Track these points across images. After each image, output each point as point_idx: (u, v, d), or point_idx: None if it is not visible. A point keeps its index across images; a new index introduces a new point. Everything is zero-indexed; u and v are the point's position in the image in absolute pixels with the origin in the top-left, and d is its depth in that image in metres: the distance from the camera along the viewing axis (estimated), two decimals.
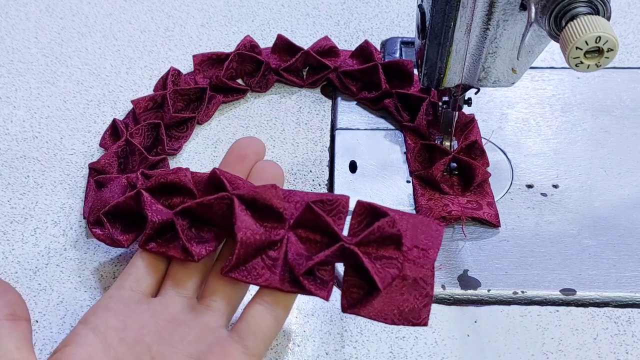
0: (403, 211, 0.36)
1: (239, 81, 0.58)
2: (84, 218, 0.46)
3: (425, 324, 0.33)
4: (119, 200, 0.40)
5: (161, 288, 0.37)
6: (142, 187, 0.38)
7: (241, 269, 0.35)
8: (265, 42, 0.61)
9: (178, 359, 0.33)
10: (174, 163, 0.51)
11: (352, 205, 0.36)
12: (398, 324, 0.34)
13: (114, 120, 0.52)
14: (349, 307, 0.34)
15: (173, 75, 0.55)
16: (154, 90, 0.56)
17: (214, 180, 0.37)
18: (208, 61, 0.58)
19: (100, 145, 0.52)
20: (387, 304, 0.33)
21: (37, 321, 0.40)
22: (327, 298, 0.34)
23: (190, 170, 0.38)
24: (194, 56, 0.57)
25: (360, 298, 0.34)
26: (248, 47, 0.57)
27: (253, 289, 0.37)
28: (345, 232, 0.35)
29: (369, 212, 0.35)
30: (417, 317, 0.33)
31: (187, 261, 0.36)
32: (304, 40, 0.62)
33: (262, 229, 0.35)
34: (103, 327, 0.34)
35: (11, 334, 0.32)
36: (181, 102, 0.54)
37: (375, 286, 0.33)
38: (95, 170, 0.48)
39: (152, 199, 0.38)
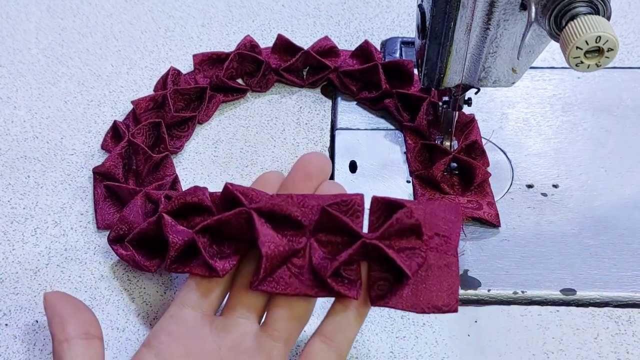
0: (419, 201, 0.36)
1: (239, 81, 0.58)
2: (98, 229, 0.46)
3: (455, 310, 0.33)
4: (142, 227, 0.40)
5: (225, 309, 0.36)
6: (163, 211, 0.39)
7: (269, 281, 0.35)
8: (266, 42, 0.61)
9: None
10: (175, 162, 0.51)
11: (367, 203, 0.36)
12: (428, 312, 0.33)
13: (115, 122, 0.52)
14: (377, 299, 0.34)
15: (173, 75, 0.55)
16: (154, 91, 0.57)
17: (228, 196, 0.37)
18: (208, 61, 0.58)
19: (102, 147, 0.52)
20: (414, 294, 0.33)
21: (37, 321, 0.40)
22: (357, 297, 0.34)
23: (207, 189, 0.39)
24: (194, 56, 0.57)
25: (387, 290, 0.34)
26: (248, 47, 0.57)
27: (313, 322, 0.37)
28: (365, 230, 0.35)
29: (386, 207, 0.35)
30: (446, 304, 0.33)
31: (212, 277, 0.36)
32: (305, 40, 0.62)
33: (285, 239, 0.35)
34: (167, 354, 0.33)
35: (84, 353, 0.33)
36: (181, 101, 0.54)
37: (400, 277, 0.33)
38: (99, 174, 0.48)
39: (173, 221, 0.38)
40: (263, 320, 0.36)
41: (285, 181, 0.39)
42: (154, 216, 0.39)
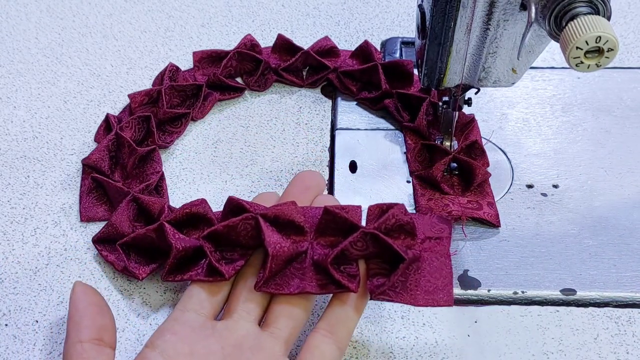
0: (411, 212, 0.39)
1: (238, 79, 0.58)
2: (81, 221, 0.46)
3: (451, 304, 0.35)
4: (139, 232, 0.41)
5: (226, 312, 0.37)
6: (165, 220, 0.40)
7: (273, 283, 0.37)
8: (266, 42, 0.61)
9: None
10: (175, 162, 0.51)
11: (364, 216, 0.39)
12: (424, 305, 0.35)
13: (107, 115, 0.52)
14: (376, 292, 0.36)
15: (171, 71, 0.55)
16: (152, 85, 0.57)
17: (232, 206, 0.39)
18: (208, 59, 0.58)
19: (95, 139, 0.52)
20: (412, 287, 0.35)
21: (37, 321, 0.40)
22: (356, 290, 0.36)
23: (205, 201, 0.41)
24: (194, 53, 0.58)
25: (385, 282, 0.36)
26: (249, 46, 0.57)
27: (313, 318, 0.39)
28: None
29: (380, 210, 0.38)
30: (442, 297, 0.35)
31: (216, 281, 0.37)
32: (305, 40, 0.62)
33: (289, 241, 0.37)
34: (171, 352, 0.34)
35: (95, 358, 0.34)
36: (177, 98, 0.54)
37: (397, 270, 0.35)
38: (88, 166, 0.48)
39: (174, 230, 0.39)
40: (264, 320, 0.37)
41: (284, 195, 0.42)
42: (155, 224, 0.40)
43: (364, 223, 0.38)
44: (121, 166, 0.48)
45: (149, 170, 0.48)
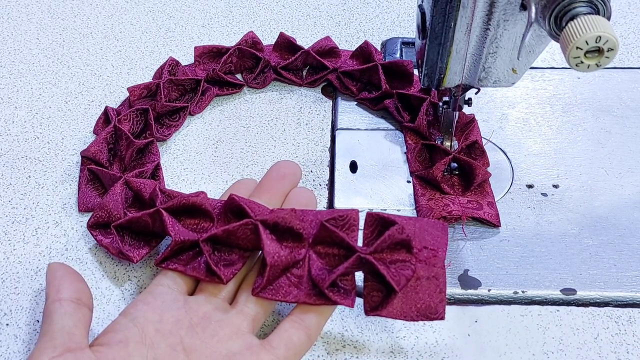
0: (409, 216, 0.38)
1: (238, 76, 0.58)
2: (79, 211, 0.46)
3: (443, 318, 0.36)
4: (134, 216, 0.41)
5: (198, 289, 0.39)
6: (162, 207, 0.40)
7: (269, 289, 0.38)
8: (266, 42, 0.61)
9: (208, 353, 0.35)
10: (176, 162, 0.51)
11: (361, 217, 0.39)
12: (417, 320, 0.36)
13: (106, 108, 0.52)
14: (371, 310, 0.37)
15: (170, 65, 0.55)
16: (152, 79, 0.57)
17: (232, 206, 0.39)
18: (209, 54, 0.58)
19: (94, 132, 0.52)
20: (405, 304, 0.36)
21: (37, 321, 0.40)
22: (352, 305, 0.37)
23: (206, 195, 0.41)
24: (195, 47, 0.58)
25: (380, 301, 0.37)
26: (250, 43, 0.58)
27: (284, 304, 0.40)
28: (359, 242, 0.38)
29: (379, 222, 0.38)
30: (434, 312, 0.36)
31: (213, 282, 0.38)
32: (305, 40, 0.62)
33: (287, 250, 0.38)
34: (141, 319, 0.36)
35: (73, 313, 0.35)
36: (176, 92, 0.54)
37: (393, 289, 0.36)
38: (87, 158, 0.49)
39: (173, 219, 0.40)
40: (235, 300, 0.39)
41: (261, 183, 0.43)
42: (151, 209, 0.40)
43: (361, 226, 0.38)
44: (119, 158, 0.48)
45: (147, 162, 0.48)
